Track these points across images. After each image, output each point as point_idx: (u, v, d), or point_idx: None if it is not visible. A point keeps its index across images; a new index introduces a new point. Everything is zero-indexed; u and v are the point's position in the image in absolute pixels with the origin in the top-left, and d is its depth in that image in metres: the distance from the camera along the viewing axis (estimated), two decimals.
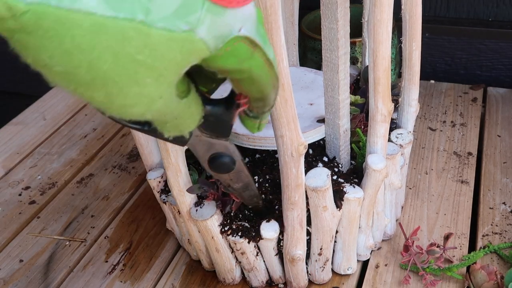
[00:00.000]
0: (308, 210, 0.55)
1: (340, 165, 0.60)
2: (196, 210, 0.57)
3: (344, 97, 0.57)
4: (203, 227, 0.57)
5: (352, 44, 0.77)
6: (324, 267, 0.60)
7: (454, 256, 0.63)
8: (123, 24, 0.27)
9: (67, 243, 0.71)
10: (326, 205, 0.53)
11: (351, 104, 0.63)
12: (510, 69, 0.96)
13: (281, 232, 0.56)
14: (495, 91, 0.93)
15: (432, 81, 0.97)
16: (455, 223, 0.68)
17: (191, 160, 0.64)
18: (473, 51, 0.97)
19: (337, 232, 0.58)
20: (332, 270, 0.63)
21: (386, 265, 0.64)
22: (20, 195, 0.80)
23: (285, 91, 0.44)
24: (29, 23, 0.26)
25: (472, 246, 0.65)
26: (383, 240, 0.66)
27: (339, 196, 0.56)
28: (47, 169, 0.85)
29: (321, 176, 0.53)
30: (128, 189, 0.79)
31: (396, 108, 0.65)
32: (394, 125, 0.65)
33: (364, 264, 0.64)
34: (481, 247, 0.64)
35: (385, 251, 0.65)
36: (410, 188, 0.74)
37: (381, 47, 0.49)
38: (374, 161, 0.55)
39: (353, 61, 0.79)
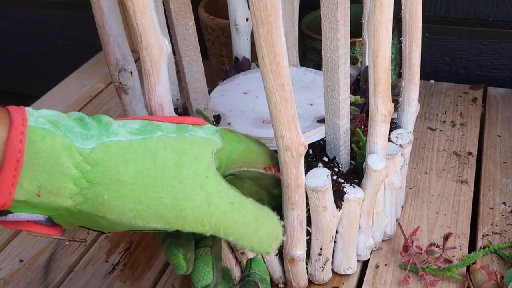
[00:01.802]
0: (308, 210, 0.55)
1: (340, 165, 0.60)
2: None
3: (344, 97, 0.57)
4: None
5: (352, 44, 0.77)
6: (324, 267, 0.60)
7: (454, 256, 0.63)
8: None
9: (67, 243, 0.71)
10: (326, 205, 0.53)
11: (351, 104, 0.63)
12: (510, 69, 0.96)
13: None
14: (495, 91, 0.93)
15: (432, 81, 0.97)
16: (455, 223, 0.68)
17: None
18: (473, 51, 0.97)
19: (337, 232, 0.58)
20: (332, 270, 0.63)
21: (386, 265, 0.64)
22: None
23: (285, 91, 0.44)
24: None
25: (472, 246, 0.65)
26: (383, 240, 0.66)
27: (339, 196, 0.56)
28: None
29: (321, 176, 0.53)
30: None
31: (396, 108, 0.65)
32: (394, 125, 0.65)
33: (364, 264, 0.65)
34: (481, 247, 0.64)
35: (385, 251, 0.65)
36: (410, 188, 0.74)
37: (381, 48, 0.49)
38: (374, 161, 0.55)
39: (353, 61, 0.79)
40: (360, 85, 0.71)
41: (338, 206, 0.55)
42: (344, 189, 0.56)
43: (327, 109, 0.58)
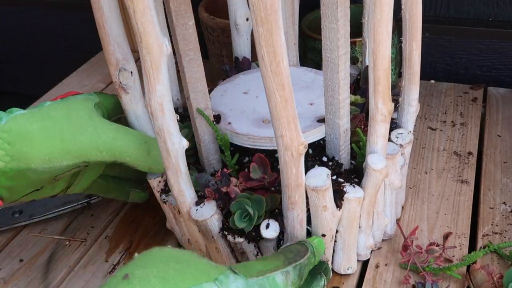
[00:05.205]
0: (308, 210, 0.55)
1: (340, 165, 0.60)
2: (196, 209, 0.57)
3: (344, 96, 0.56)
4: (203, 226, 0.57)
5: (352, 44, 0.77)
6: None
7: (454, 256, 0.63)
8: None
9: (67, 242, 0.71)
10: (326, 205, 0.53)
11: (351, 104, 0.63)
12: (510, 69, 0.96)
13: (281, 232, 0.56)
14: (495, 91, 0.93)
15: (432, 81, 0.97)
16: (455, 223, 0.68)
17: (191, 160, 0.64)
18: (473, 51, 0.97)
19: (337, 231, 0.58)
20: (332, 269, 0.63)
21: (386, 264, 0.64)
22: None
23: (285, 91, 0.44)
24: None
25: (472, 246, 0.65)
26: (383, 240, 0.66)
27: (339, 196, 0.56)
28: None
29: (321, 176, 0.52)
30: None
31: (396, 108, 0.65)
32: (394, 125, 0.65)
33: (364, 264, 0.65)
34: (481, 247, 0.64)
35: (385, 251, 0.65)
36: (410, 188, 0.74)
37: (381, 47, 0.49)
38: (374, 161, 0.55)
39: (353, 61, 0.79)
40: (360, 85, 0.71)
41: (338, 205, 0.55)
42: (344, 189, 0.56)
43: (327, 108, 0.58)
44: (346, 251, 0.60)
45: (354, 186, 0.57)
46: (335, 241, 0.59)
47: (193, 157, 0.65)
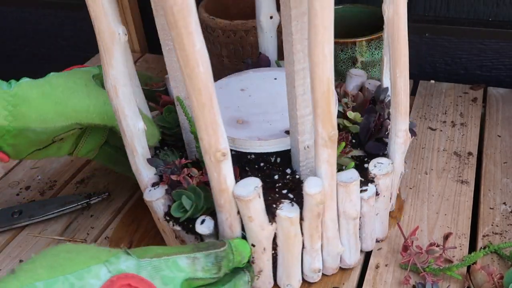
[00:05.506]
0: None
1: (297, 181, 0.58)
2: (150, 190, 0.59)
3: (303, 113, 0.54)
4: (150, 207, 0.59)
5: (352, 44, 0.77)
6: (258, 277, 0.59)
7: (454, 257, 0.63)
8: None
9: (67, 243, 0.71)
10: (251, 216, 0.52)
11: (350, 121, 0.61)
12: (510, 69, 0.96)
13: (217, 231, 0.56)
14: (495, 91, 0.93)
15: (432, 81, 0.97)
16: (455, 223, 0.68)
17: (180, 143, 0.66)
18: (473, 51, 0.97)
19: (278, 246, 0.57)
20: (275, 282, 0.61)
21: (386, 265, 0.64)
22: (18, 195, 0.80)
23: (202, 96, 0.43)
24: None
25: (472, 246, 0.65)
26: (382, 241, 0.66)
27: (271, 211, 0.54)
28: (47, 169, 0.85)
29: (250, 186, 0.51)
30: (128, 189, 0.79)
31: (387, 135, 0.62)
32: (385, 150, 0.62)
33: (365, 264, 0.65)
34: (481, 247, 0.64)
35: (385, 251, 0.65)
36: (410, 188, 0.74)
37: (317, 69, 0.46)
38: (310, 184, 0.52)
39: (353, 61, 0.79)
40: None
41: (271, 220, 0.54)
42: (280, 205, 0.54)
43: (290, 122, 0.57)
44: (286, 268, 0.58)
45: (292, 205, 0.54)
46: (276, 255, 0.58)
47: (182, 141, 0.65)
